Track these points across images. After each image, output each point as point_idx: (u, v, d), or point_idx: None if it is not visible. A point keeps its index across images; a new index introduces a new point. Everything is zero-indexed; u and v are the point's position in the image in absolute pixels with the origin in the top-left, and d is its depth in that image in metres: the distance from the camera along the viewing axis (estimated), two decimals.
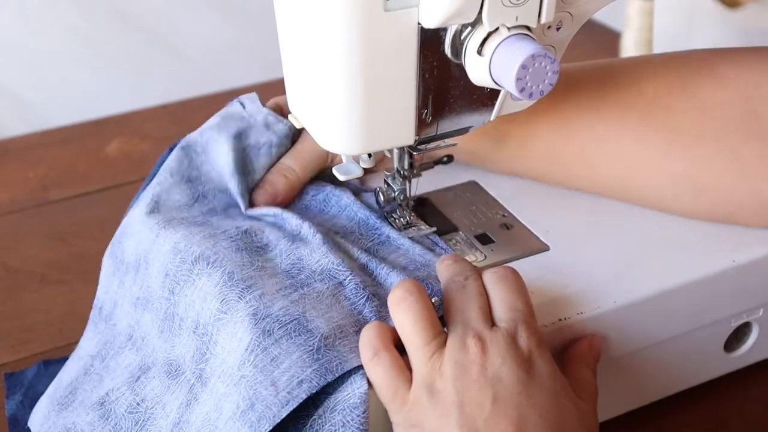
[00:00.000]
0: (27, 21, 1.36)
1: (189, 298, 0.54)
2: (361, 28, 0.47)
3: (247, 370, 0.49)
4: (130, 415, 0.54)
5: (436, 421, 0.46)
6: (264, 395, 0.48)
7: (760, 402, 0.63)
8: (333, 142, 0.53)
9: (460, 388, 0.46)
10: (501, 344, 0.47)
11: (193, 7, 1.44)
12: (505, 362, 0.47)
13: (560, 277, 0.56)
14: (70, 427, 0.56)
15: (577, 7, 0.51)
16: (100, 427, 0.54)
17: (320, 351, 0.49)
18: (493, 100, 0.53)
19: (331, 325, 0.50)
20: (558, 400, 0.47)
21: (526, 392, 0.46)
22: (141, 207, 0.60)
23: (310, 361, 0.48)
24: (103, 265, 0.62)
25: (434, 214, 0.62)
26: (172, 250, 0.56)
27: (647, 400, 0.61)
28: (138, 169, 0.93)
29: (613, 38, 1.10)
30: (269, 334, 0.50)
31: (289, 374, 0.48)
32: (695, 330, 0.59)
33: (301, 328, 0.50)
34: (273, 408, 0.47)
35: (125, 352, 0.58)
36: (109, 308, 0.61)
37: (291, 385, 0.48)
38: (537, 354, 0.48)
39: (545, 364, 0.48)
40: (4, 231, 0.83)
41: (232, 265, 0.54)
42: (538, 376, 0.47)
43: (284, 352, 0.49)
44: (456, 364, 0.47)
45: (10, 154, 0.96)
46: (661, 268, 0.57)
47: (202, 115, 1.06)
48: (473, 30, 0.48)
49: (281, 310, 0.51)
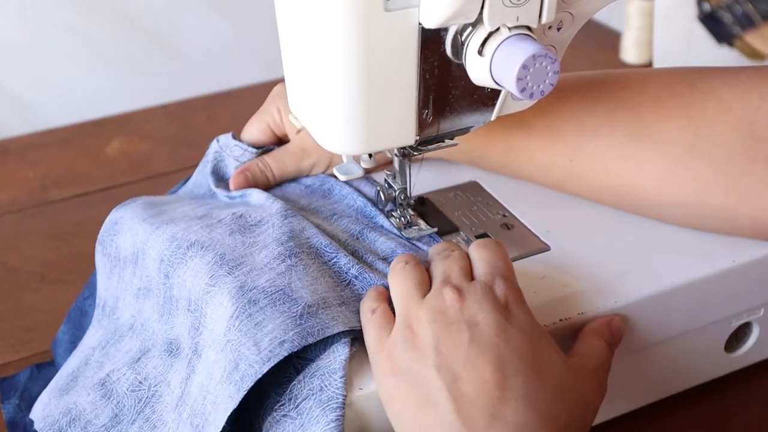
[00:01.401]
0: (27, 21, 1.36)
1: (181, 278, 0.55)
2: (362, 29, 0.47)
3: (233, 335, 0.50)
4: (132, 393, 0.55)
5: (412, 363, 0.46)
6: (247, 355, 0.49)
7: (761, 402, 0.63)
8: (334, 142, 0.53)
9: (436, 330, 0.47)
10: (478, 292, 0.48)
11: (193, 7, 1.43)
12: (482, 307, 0.47)
13: (561, 277, 0.56)
14: (72, 407, 0.56)
15: (577, 8, 0.51)
16: (102, 405, 0.55)
17: (303, 317, 0.50)
18: (493, 100, 0.53)
19: (315, 296, 0.52)
20: (537, 346, 0.47)
21: (504, 335, 0.46)
22: (135, 206, 0.62)
23: (293, 325, 0.50)
24: (97, 265, 0.63)
25: (434, 214, 0.62)
26: (169, 238, 0.57)
27: (648, 400, 0.61)
28: (138, 169, 0.93)
29: (613, 38, 1.10)
30: (254, 303, 0.51)
31: (272, 336, 0.49)
32: (695, 330, 0.59)
33: (286, 297, 0.51)
34: (255, 365, 0.48)
35: (126, 339, 0.59)
36: (111, 304, 0.61)
37: (273, 345, 0.49)
38: (514, 303, 0.49)
39: (523, 313, 0.49)
40: (4, 231, 0.83)
41: (224, 248, 0.55)
42: (516, 322, 0.48)
43: (268, 317, 0.50)
44: (433, 309, 0.48)
45: (10, 154, 0.96)
46: (661, 268, 0.57)
47: (202, 115, 1.06)
48: (474, 30, 0.48)
49: (267, 282, 0.52)
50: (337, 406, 0.48)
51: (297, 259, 0.54)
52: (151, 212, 0.61)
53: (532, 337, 0.47)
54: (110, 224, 0.62)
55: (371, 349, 0.49)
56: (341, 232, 0.59)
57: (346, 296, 0.53)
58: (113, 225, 0.62)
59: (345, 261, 0.55)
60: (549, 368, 0.47)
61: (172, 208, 0.62)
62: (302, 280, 0.53)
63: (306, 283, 0.52)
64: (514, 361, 0.46)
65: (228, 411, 0.48)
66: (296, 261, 0.54)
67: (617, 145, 0.58)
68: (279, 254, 0.54)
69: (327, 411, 0.48)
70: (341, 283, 0.54)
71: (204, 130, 1.00)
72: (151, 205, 0.63)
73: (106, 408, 0.55)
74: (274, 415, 0.50)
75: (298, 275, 0.53)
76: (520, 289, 0.50)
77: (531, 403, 0.44)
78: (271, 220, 0.58)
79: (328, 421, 0.47)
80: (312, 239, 0.56)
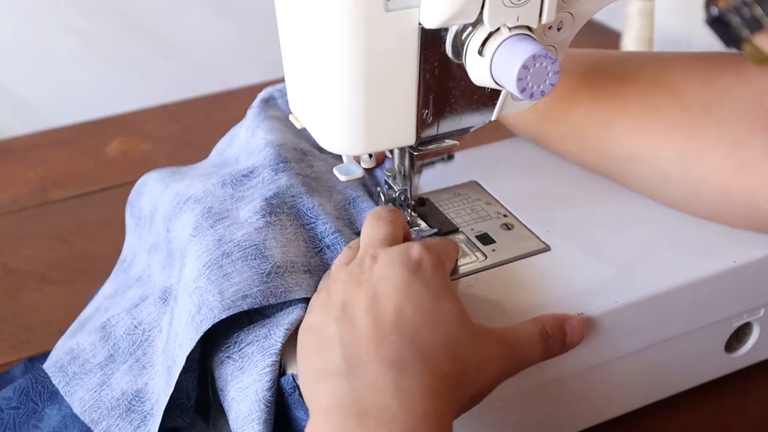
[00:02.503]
0: (27, 21, 1.36)
1: (176, 231, 0.59)
2: (362, 29, 0.47)
3: (201, 282, 0.53)
4: (128, 336, 0.58)
5: (320, 319, 0.48)
6: (210, 301, 0.51)
7: (761, 402, 0.63)
8: (334, 142, 0.53)
9: (347, 290, 0.48)
10: (393, 253, 0.49)
11: (193, 7, 1.44)
12: (392, 266, 0.48)
13: (561, 277, 0.56)
14: (74, 347, 0.59)
15: (577, 8, 0.51)
16: (100, 346, 0.58)
17: (270, 276, 0.52)
18: (494, 100, 0.53)
19: (285, 258, 0.54)
20: (439, 303, 0.47)
21: (407, 289, 0.47)
22: (161, 169, 0.67)
23: (259, 282, 0.52)
24: (126, 224, 0.68)
25: (435, 214, 0.62)
26: (174, 195, 0.61)
27: (648, 401, 0.61)
28: (138, 169, 0.93)
29: (613, 38, 1.10)
30: (227, 255, 0.54)
31: (237, 288, 0.52)
32: (696, 330, 0.59)
33: (258, 253, 0.53)
34: (215, 311, 0.51)
35: (132, 289, 0.63)
36: (129, 260, 0.66)
37: (236, 297, 0.51)
38: (428, 264, 0.49)
39: (434, 272, 0.49)
40: (4, 231, 0.83)
41: (213, 201, 0.59)
42: (422, 278, 0.48)
43: (237, 270, 0.52)
44: (349, 272, 0.49)
45: (10, 154, 0.96)
46: (662, 268, 0.57)
47: (202, 115, 1.06)
48: (474, 30, 0.48)
49: (244, 236, 0.55)
50: (275, 353, 0.50)
51: (276, 218, 0.56)
52: (171, 175, 0.65)
53: (436, 294, 0.48)
54: (138, 186, 0.67)
55: None
56: (336, 193, 0.60)
57: (314, 264, 0.55)
58: (141, 186, 0.66)
59: (322, 228, 0.57)
60: (445, 323, 0.47)
61: (192, 170, 0.66)
62: (277, 239, 0.55)
63: (280, 243, 0.55)
64: (410, 311, 0.46)
65: (186, 352, 0.51)
66: (275, 219, 0.56)
67: (642, 107, 0.60)
68: (261, 209, 0.56)
69: (265, 356, 0.50)
70: (313, 249, 0.56)
71: (204, 130, 1.01)
72: (176, 170, 0.66)
73: (104, 349, 0.58)
74: (220, 356, 0.52)
75: (273, 234, 0.55)
76: (441, 257, 0.51)
77: (415, 346, 0.45)
78: (263, 173, 0.60)
79: (265, 366, 0.50)
80: (296, 199, 0.58)
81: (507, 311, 0.54)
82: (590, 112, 0.62)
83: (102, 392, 0.56)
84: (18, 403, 0.58)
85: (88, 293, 0.71)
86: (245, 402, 0.49)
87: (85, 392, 0.57)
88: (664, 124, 0.59)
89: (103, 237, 0.81)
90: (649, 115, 0.60)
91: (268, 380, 0.49)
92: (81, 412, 0.56)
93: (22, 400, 0.58)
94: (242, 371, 0.51)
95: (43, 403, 0.58)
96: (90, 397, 0.56)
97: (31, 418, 0.58)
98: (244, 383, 0.50)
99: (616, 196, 0.63)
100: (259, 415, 0.48)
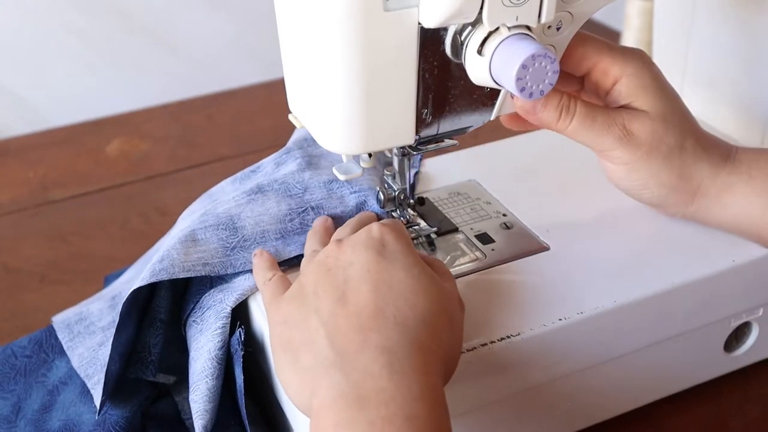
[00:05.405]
0: (27, 21, 1.36)
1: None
2: (361, 28, 0.47)
3: (174, 240, 0.58)
4: None
5: (295, 310, 0.49)
6: (174, 256, 0.56)
7: (760, 402, 0.63)
8: (333, 141, 0.53)
9: (317, 278, 0.49)
10: (355, 237, 0.51)
11: (193, 7, 1.44)
12: (356, 248, 0.49)
13: (560, 277, 0.56)
14: (84, 311, 0.65)
15: (577, 7, 0.51)
16: (107, 313, 0.63)
17: (234, 249, 0.57)
18: (493, 99, 0.53)
19: (256, 229, 0.58)
20: (410, 272, 0.48)
21: (377, 268, 0.48)
22: None
23: (222, 254, 0.57)
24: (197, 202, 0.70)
25: (434, 213, 0.62)
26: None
27: (647, 400, 0.61)
28: (138, 169, 0.93)
29: (613, 38, 1.10)
30: (203, 223, 0.58)
31: (200, 255, 0.57)
32: (695, 330, 0.59)
33: (231, 224, 0.58)
34: (175, 267, 0.56)
35: None
36: (150, 255, 0.69)
37: (196, 263, 0.57)
38: (391, 238, 0.50)
39: (397, 244, 0.50)
40: (4, 231, 0.83)
41: (217, 190, 0.64)
42: (389, 253, 0.49)
43: (207, 239, 0.58)
44: (316, 262, 0.50)
45: (10, 154, 0.96)
46: (661, 268, 0.57)
47: (202, 115, 1.06)
48: (473, 30, 0.48)
49: (224, 210, 0.59)
50: (225, 315, 0.55)
51: (261, 194, 0.60)
52: None
53: (406, 265, 0.48)
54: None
55: (267, 309, 0.52)
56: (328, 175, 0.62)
57: (291, 228, 0.58)
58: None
59: (309, 197, 0.59)
60: (421, 291, 0.48)
61: None
62: (254, 210, 0.59)
63: (255, 213, 0.58)
64: (385, 290, 0.47)
65: (135, 286, 0.56)
66: (259, 195, 0.59)
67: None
68: (250, 190, 0.60)
69: (217, 319, 0.55)
70: (295, 211, 0.59)
71: (204, 130, 1.01)
72: None
73: (109, 316, 0.63)
74: (188, 321, 0.58)
75: (252, 206, 0.59)
76: (401, 230, 0.52)
77: (399, 326, 0.46)
78: (266, 167, 0.64)
79: (216, 327, 0.55)
80: (288, 176, 0.61)
81: (506, 311, 0.54)
82: None
83: (99, 351, 0.60)
84: (32, 352, 0.64)
85: (88, 293, 0.71)
86: (200, 360, 0.55)
87: (85, 349, 0.61)
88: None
89: (103, 237, 0.81)
90: None
91: (219, 340, 0.54)
92: (78, 366, 0.60)
93: (35, 350, 0.64)
94: (201, 333, 0.56)
95: (54, 354, 0.63)
96: (88, 354, 0.60)
97: (41, 367, 0.63)
98: (200, 343, 0.55)
99: (616, 196, 0.63)
100: (212, 372, 0.54)
